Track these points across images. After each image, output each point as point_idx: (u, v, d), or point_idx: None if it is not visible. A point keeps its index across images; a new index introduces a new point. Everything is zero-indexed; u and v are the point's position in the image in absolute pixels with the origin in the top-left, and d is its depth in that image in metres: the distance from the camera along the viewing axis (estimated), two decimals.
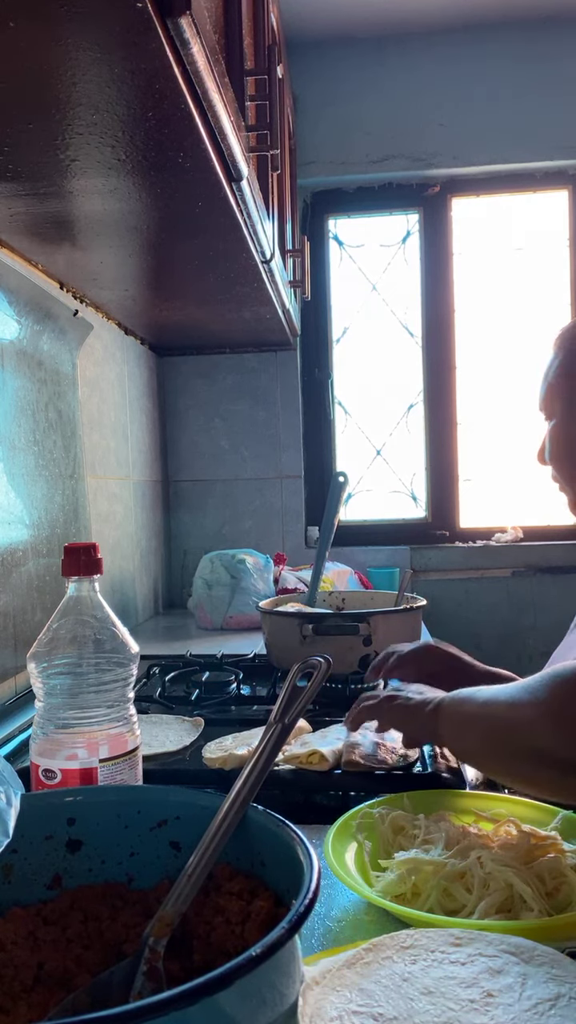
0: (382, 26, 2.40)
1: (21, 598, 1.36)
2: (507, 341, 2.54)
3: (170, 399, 2.51)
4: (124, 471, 2.06)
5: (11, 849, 0.51)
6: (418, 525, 2.56)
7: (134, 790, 0.61)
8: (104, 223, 1.24)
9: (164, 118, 0.88)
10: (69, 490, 1.62)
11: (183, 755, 1.02)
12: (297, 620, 1.34)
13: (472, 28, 2.42)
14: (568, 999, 0.49)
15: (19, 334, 1.40)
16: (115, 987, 0.45)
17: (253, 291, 1.70)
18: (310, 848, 0.45)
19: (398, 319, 2.59)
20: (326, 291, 2.59)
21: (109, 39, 0.73)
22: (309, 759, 0.94)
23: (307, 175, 2.48)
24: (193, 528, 2.53)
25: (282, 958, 0.37)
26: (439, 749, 1.00)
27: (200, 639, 1.93)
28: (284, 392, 2.50)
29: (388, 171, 2.50)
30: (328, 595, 1.67)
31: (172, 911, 0.47)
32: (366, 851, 0.72)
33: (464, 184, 2.54)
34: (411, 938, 0.55)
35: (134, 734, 0.74)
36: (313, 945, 0.63)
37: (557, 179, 2.51)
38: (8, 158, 0.98)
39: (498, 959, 0.52)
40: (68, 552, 0.73)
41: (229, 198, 1.13)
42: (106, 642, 0.72)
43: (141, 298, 1.77)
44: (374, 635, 1.30)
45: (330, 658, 0.63)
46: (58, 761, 0.71)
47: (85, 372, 1.75)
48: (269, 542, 2.48)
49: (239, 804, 0.52)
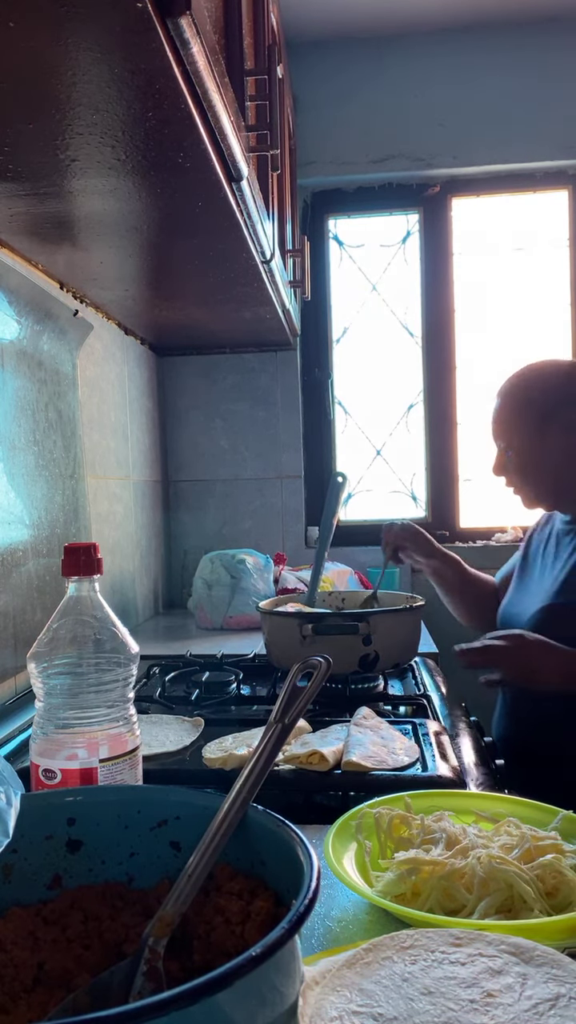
0: (382, 26, 2.41)
1: (21, 598, 1.35)
2: (507, 341, 2.54)
3: (170, 399, 2.51)
4: (124, 471, 2.06)
5: (11, 849, 0.51)
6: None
7: (134, 790, 0.61)
8: (104, 223, 1.24)
9: (164, 118, 0.88)
10: (69, 490, 1.62)
11: (183, 755, 1.02)
12: (297, 620, 1.34)
13: (472, 28, 2.42)
14: (568, 999, 0.49)
15: (19, 334, 1.40)
16: (115, 987, 0.45)
17: (253, 291, 1.70)
18: (310, 848, 0.45)
19: (398, 319, 2.59)
20: (326, 291, 2.59)
21: (109, 39, 0.73)
22: (309, 759, 0.94)
23: (307, 175, 2.48)
24: (193, 528, 2.53)
25: (282, 958, 0.37)
26: (439, 749, 1.00)
27: (200, 639, 1.93)
28: (284, 392, 2.50)
29: (388, 171, 2.50)
30: (328, 595, 1.66)
31: (172, 911, 0.47)
32: (366, 851, 0.72)
33: (464, 184, 2.54)
34: (411, 938, 0.55)
35: (134, 734, 0.74)
36: (313, 945, 0.63)
37: (557, 179, 2.51)
38: (8, 158, 0.98)
39: (498, 959, 0.52)
40: (68, 552, 0.73)
41: (229, 198, 1.13)
42: (106, 642, 0.72)
43: (141, 298, 1.77)
44: (374, 635, 1.30)
45: (330, 658, 0.63)
46: (58, 761, 0.71)
47: (85, 372, 1.75)
48: (269, 542, 2.48)
49: (239, 804, 0.52)
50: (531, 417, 1.35)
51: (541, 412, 1.35)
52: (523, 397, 1.37)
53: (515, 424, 1.37)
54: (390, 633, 1.33)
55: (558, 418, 1.33)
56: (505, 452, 1.40)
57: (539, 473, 1.37)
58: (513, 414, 1.37)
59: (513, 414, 1.37)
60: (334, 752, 0.96)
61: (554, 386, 1.36)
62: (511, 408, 1.37)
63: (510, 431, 1.37)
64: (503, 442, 1.39)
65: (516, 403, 1.37)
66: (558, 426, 1.33)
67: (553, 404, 1.34)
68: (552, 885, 0.66)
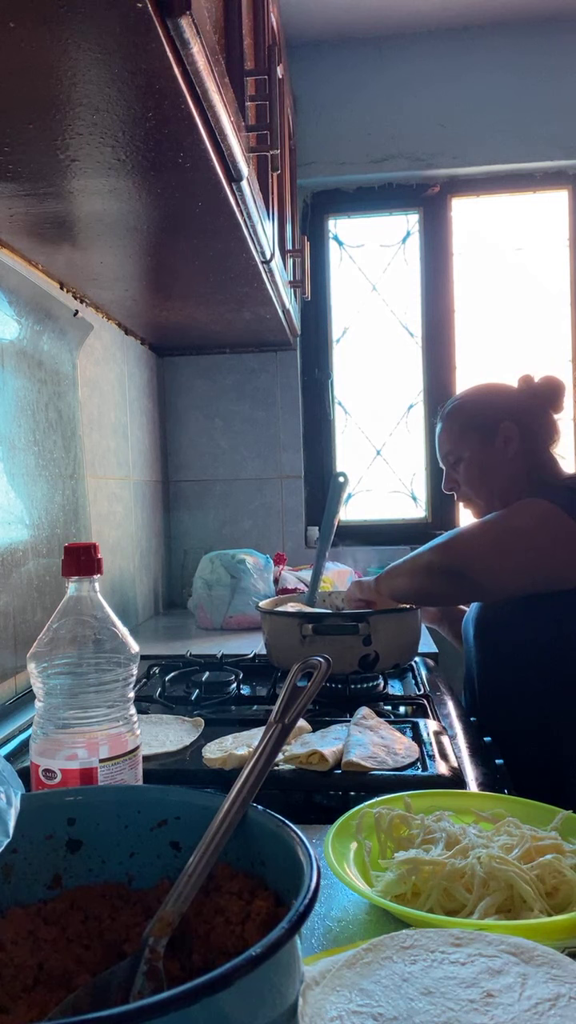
0: (382, 26, 2.40)
1: (21, 598, 1.36)
2: (507, 341, 2.54)
3: (170, 399, 2.51)
4: (124, 471, 2.06)
5: (11, 849, 0.51)
6: (418, 525, 2.56)
7: (134, 790, 0.61)
8: (104, 223, 1.24)
9: (164, 118, 0.88)
10: (69, 490, 1.62)
11: (183, 755, 1.02)
12: (297, 620, 1.34)
13: (472, 28, 2.42)
14: (568, 999, 0.49)
15: (19, 334, 1.40)
16: (115, 987, 0.45)
17: (253, 291, 1.70)
18: (310, 848, 0.45)
19: (398, 319, 2.59)
20: (326, 291, 2.59)
21: (109, 39, 0.73)
22: (309, 759, 0.94)
23: (307, 175, 2.48)
24: (193, 528, 2.53)
25: (282, 958, 0.37)
26: (439, 749, 1.00)
27: (200, 639, 1.93)
28: (284, 392, 2.50)
29: (388, 171, 2.50)
30: (328, 595, 1.66)
31: (172, 911, 0.47)
32: (366, 851, 0.72)
33: (464, 184, 2.54)
34: (411, 938, 0.55)
35: (134, 734, 0.74)
36: (313, 945, 0.63)
37: (557, 179, 2.51)
38: (8, 158, 0.98)
39: (498, 959, 0.52)
40: (68, 552, 0.73)
41: (229, 198, 1.13)
42: (106, 642, 0.72)
43: (141, 298, 1.77)
44: (374, 635, 1.30)
45: (330, 658, 0.63)
46: (58, 761, 0.71)
47: (85, 372, 1.75)
48: (269, 542, 2.48)
49: (239, 804, 0.52)
50: (478, 430, 1.51)
51: (486, 426, 1.50)
52: (468, 413, 1.54)
53: (465, 438, 1.52)
54: (390, 633, 1.33)
55: (500, 430, 1.49)
56: (454, 467, 1.55)
57: (493, 479, 1.50)
58: (463, 428, 1.53)
59: (463, 428, 1.53)
60: (334, 752, 0.96)
61: (493, 404, 1.53)
62: (461, 424, 1.53)
63: (461, 445, 1.52)
64: (453, 457, 1.54)
65: (463, 419, 1.53)
66: (500, 438, 1.49)
67: (492, 419, 1.50)
68: (552, 885, 0.66)
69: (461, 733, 1.16)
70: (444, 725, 1.13)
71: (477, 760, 1.04)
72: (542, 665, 1.36)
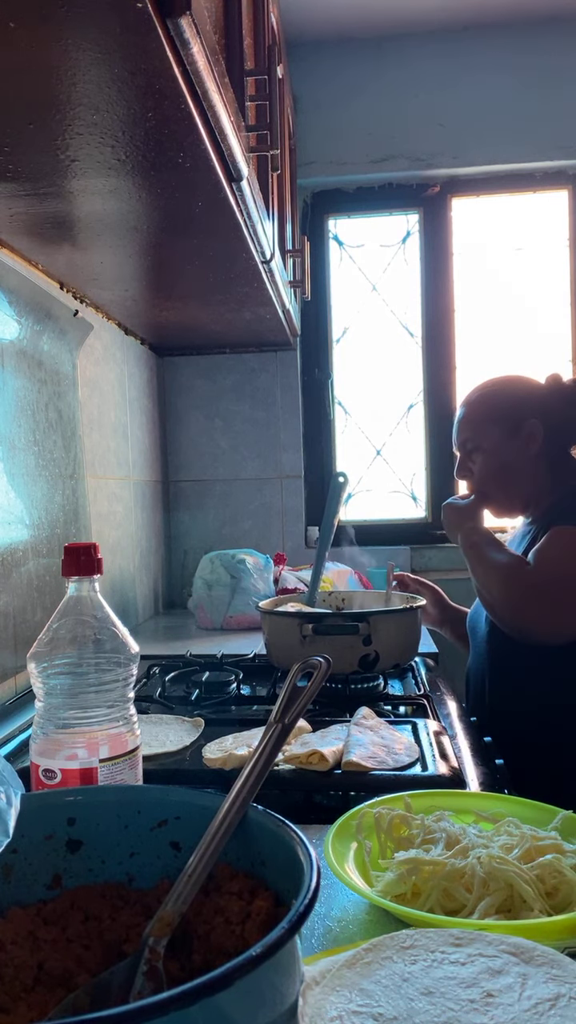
0: (382, 26, 2.40)
1: (21, 598, 1.36)
2: (507, 341, 2.54)
3: (170, 399, 2.51)
4: (124, 471, 2.06)
5: (11, 849, 0.51)
6: (418, 525, 2.56)
7: (134, 790, 0.61)
8: (104, 223, 1.24)
9: (164, 118, 0.88)
10: (69, 490, 1.62)
11: (183, 755, 1.02)
12: (297, 620, 1.34)
13: (472, 28, 2.42)
14: (568, 999, 0.49)
15: (19, 334, 1.40)
16: (115, 987, 0.45)
17: (253, 291, 1.70)
18: (310, 848, 0.45)
19: (398, 319, 2.59)
20: (326, 291, 2.59)
21: (109, 39, 0.73)
22: (309, 759, 0.94)
23: (307, 175, 2.48)
24: (193, 528, 2.53)
25: (282, 958, 0.37)
26: (439, 749, 1.00)
27: (200, 639, 1.93)
28: (284, 392, 2.50)
29: (388, 171, 2.50)
30: (328, 595, 1.66)
31: (172, 911, 0.47)
32: (366, 851, 0.72)
33: (464, 184, 2.54)
34: (411, 938, 0.55)
35: (134, 734, 0.74)
36: (313, 945, 0.63)
37: (557, 179, 2.51)
38: (8, 158, 0.98)
39: (498, 959, 0.52)
40: (68, 552, 0.73)
41: (229, 198, 1.13)
42: (106, 642, 0.72)
43: (141, 298, 1.77)
44: (374, 635, 1.30)
45: (330, 658, 0.63)
46: (58, 761, 0.71)
47: (85, 372, 1.75)
48: (269, 542, 2.48)
49: (239, 804, 0.51)
50: (502, 422, 1.46)
51: (511, 419, 1.46)
52: (494, 404, 1.48)
53: (485, 427, 1.47)
54: (390, 633, 1.33)
55: (525, 427, 1.45)
56: (470, 455, 1.50)
57: (515, 479, 1.47)
58: (485, 418, 1.47)
59: (485, 418, 1.47)
60: (334, 752, 0.96)
61: (521, 399, 1.48)
62: (483, 412, 1.47)
63: (480, 434, 1.47)
64: (471, 444, 1.49)
65: (487, 408, 1.47)
66: (525, 435, 1.45)
67: (519, 415, 1.45)
68: (552, 885, 0.66)
69: (461, 733, 1.16)
70: (444, 725, 1.13)
71: (477, 760, 1.04)
72: (555, 656, 1.35)
